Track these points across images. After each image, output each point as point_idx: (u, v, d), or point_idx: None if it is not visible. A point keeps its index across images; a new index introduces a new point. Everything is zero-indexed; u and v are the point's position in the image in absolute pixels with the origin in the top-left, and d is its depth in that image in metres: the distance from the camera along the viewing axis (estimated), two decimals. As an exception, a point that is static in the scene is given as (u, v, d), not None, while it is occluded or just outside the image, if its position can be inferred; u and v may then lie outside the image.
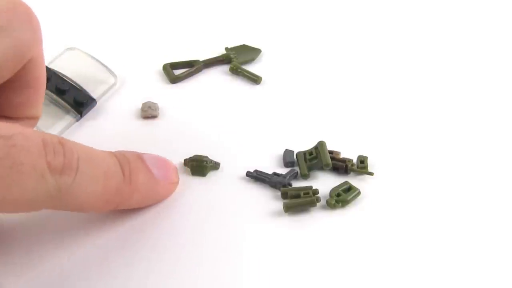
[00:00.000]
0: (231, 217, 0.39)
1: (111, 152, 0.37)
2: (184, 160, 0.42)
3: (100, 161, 0.35)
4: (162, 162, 0.39)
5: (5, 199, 0.31)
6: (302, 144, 0.43)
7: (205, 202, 0.40)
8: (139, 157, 0.38)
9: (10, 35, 0.34)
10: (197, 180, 0.42)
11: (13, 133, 0.31)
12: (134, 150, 0.38)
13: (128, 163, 0.37)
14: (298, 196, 0.40)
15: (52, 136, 0.33)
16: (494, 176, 0.42)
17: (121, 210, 0.38)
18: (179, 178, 0.40)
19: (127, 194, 0.36)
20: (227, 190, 0.41)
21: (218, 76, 0.50)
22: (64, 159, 0.33)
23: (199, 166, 0.42)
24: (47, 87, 0.42)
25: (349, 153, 0.43)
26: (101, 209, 0.36)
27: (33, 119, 0.39)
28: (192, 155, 0.42)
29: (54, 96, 0.45)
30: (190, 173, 0.42)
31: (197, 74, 0.50)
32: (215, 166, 0.42)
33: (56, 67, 0.47)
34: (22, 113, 0.38)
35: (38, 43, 0.37)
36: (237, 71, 0.49)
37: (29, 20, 0.35)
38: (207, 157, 0.42)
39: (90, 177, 0.34)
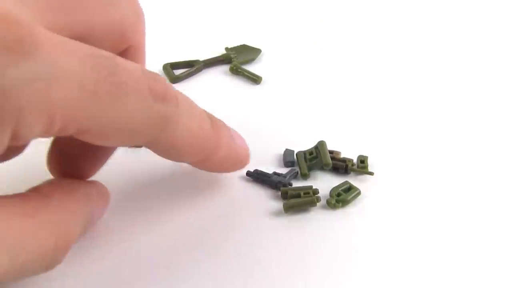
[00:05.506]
0: (230, 217, 0.39)
1: None
2: (184, 160, 0.42)
3: (193, 101, 0.33)
4: (238, 134, 0.38)
5: (113, 120, 0.28)
6: (302, 144, 0.43)
7: (205, 201, 0.40)
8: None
9: (116, 11, 0.32)
10: (197, 180, 0.42)
11: (114, 55, 0.29)
12: None
13: (213, 117, 0.36)
14: (298, 196, 0.40)
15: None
16: (495, 175, 0.42)
17: (117, 209, 0.38)
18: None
19: (214, 143, 0.35)
20: (227, 190, 0.41)
21: (218, 76, 0.50)
22: (165, 87, 0.30)
23: (199, 166, 0.42)
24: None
25: (349, 153, 0.43)
26: (194, 155, 0.34)
27: None
28: (192, 155, 0.42)
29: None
30: (190, 173, 0.42)
31: (197, 74, 0.50)
32: (215, 166, 0.42)
33: (56, 67, 0.46)
34: None
35: (141, 31, 0.34)
36: (237, 71, 0.49)
37: (134, 4, 0.33)
38: (207, 156, 0.42)
39: (189, 110, 0.32)
